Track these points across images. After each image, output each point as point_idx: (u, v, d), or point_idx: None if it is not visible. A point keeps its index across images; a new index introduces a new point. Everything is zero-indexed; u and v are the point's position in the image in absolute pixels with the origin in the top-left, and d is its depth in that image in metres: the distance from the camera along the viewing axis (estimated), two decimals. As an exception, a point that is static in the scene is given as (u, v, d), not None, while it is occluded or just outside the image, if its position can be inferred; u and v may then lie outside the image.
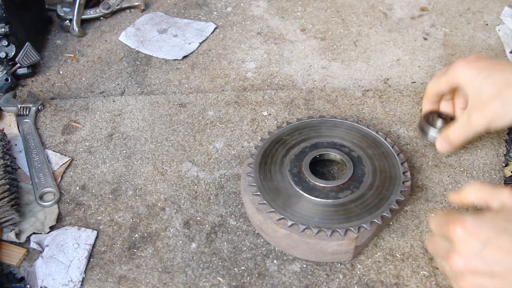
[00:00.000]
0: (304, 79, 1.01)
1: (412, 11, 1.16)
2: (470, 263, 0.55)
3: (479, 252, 0.55)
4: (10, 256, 0.74)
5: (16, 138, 0.91)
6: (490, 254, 0.54)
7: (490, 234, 0.55)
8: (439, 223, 0.61)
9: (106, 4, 1.18)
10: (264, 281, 0.70)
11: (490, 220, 0.56)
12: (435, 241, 0.62)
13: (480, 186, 0.63)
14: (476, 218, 0.56)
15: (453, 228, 0.57)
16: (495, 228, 0.55)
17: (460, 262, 0.56)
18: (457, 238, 0.57)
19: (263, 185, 0.74)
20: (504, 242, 0.54)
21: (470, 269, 0.55)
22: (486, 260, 0.54)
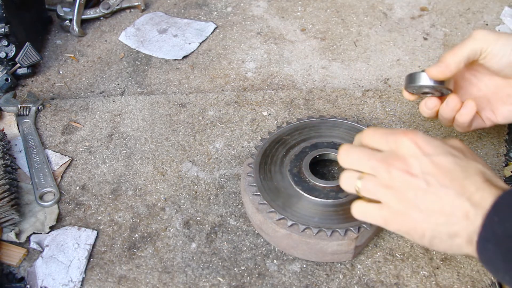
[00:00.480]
0: (304, 79, 1.01)
1: (412, 11, 1.16)
2: (408, 167, 0.55)
3: (419, 159, 0.55)
4: (10, 256, 0.74)
5: (16, 138, 0.91)
6: (429, 166, 0.55)
7: (436, 151, 0.56)
8: (380, 134, 0.60)
9: (106, 4, 1.18)
10: (264, 281, 0.70)
11: (439, 142, 0.57)
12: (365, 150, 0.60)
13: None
14: (426, 136, 0.57)
15: (402, 136, 0.57)
16: (442, 148, 0.56)
17: (400, 164, 0.56)
18: (403, 146, 0.56)
19: (263, 185, 0.74)
20: (446, 162, 0.55)
21: (406, 171, 0.55)
22: (424, 168, 0.55)
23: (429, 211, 0.55)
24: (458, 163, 0.55)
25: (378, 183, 0.58)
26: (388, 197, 0.57)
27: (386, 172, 0.57)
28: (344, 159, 0.61)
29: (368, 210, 0.60)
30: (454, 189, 0.54)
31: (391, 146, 0.58)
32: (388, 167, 0.57)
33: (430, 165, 0.55)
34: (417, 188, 0.55)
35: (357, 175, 0.60)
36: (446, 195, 0.54)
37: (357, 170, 0.60)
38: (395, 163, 0.56)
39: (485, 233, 0.52)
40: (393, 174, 0.56)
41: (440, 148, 0.56)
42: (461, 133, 0.87)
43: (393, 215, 0.57)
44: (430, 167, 0.55)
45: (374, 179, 0.58)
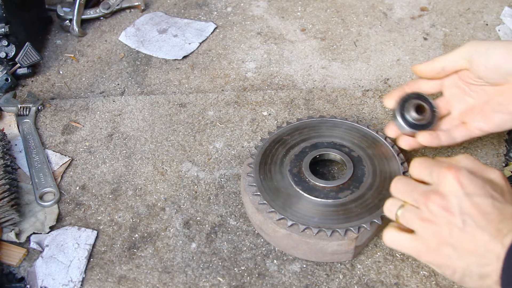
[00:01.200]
0: (304, 79, 1.01)
1: (412, 11, 1.16)
2: (447, 204, 0.56)
3: (459, 198, 0.56)
4: (10, 256, 0.74)
5: (16, 138, 0.91)
6: (468, 206, 0.55)
7: (477, 191, 0.56)
8: (425, 166, 0.61)
9: (106, 4, 1.18)
10: (264, 281, 0.70)
11: (481, 181, 0.57)
12: (411, 182, 0.61)
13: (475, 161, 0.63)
14: (470, 174, 0.57)
15: (446, 172, 0.57)
16: (483, 189, 0.56)
17: (440, 201, 0.57)
18: (446, 182, 0.57)
19: (263, 185, 0.74)
20: (485, 205, 0.55)
21: (444, 208, 0.56)
22: (463, 208, 0.55)
23: (462, 250, 0.56)
24: (496, 206, 0.56)
25: (416, 215, 0.59)
26: (423, 230, 0.58)
27: (425, 206, 0.58)
28: (393, 188, 0.63)
29: (401, 239, 0.60)
30: (489, 232, 0.54)
31: (435, 179, 0.59)
32: (427, 201, 0.58)
33: (469, 205, 0.55)
34: (453, 226, 0.56)
35: (399, 203, 0.61)
36: (481, 236, 0.55)
37: (401, 199, 0.62)
38: (435, 199, 0.57)
39: (505, 276, 0.53)
40: (431, 208, 0.57)
41: (482, 189, 0.56)
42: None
43: (426, 248, 0.58)
44: (469, 207, 0.55)
45: (413, 210, 0.59)
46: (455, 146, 0.85)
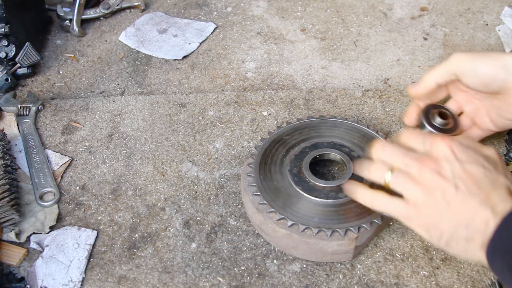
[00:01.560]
0: (304, 79, 1.01)
1: (412, 11, 1.16)
2: (440, 169, 0.57)
3: (451, 163, 0.57)
4: (10, 256, 0.74)
5: (16, 138, 0.91)
6: (460, 172, 0.57)
7: (469, 159, 0.58)
8: (417, 135, 0.63)
9: (106, 4, 1.18)
10: (264, 281, 0.70)
11: (474, 152, 0.59)
12: (400, 147, 0.62)
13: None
14: (462, 144, 0.59)
15: (439, 140, 0.59)
16: (475, 158, 0.58)
17: (433, 165, 0.58)
18: (438, 148, 0.59)
19: (263, 185, 0.74)
20: (476, 172, 0.57)
21: (438, 173, 0.57)
22: (455, 173, 0.57)
23: (452, 213, 0.56)
24: (488, 175, 0.57)
25: (409, 178, 0.59)
26: (416, 194, 0.59)
27: (418, 170, 0.59)
28: (379, 151, 0.63)
29: (392, 202, 0.61)
30: (479, 197, 0.56)
31: (427, 147, 0.61)
32: (420, 165, 0.59)
33: (461, 171, 0.57)
34: (445, 189, 0.57)
35: (387, 167, 0.62)
36: (472, 201, 0.56)
37: (389, 163, 0.62)
38: (428, 163, 0.58)
39: (493, 243, 0.53)
40: (424, 172, 0.58)
41: (473, 157, 0.58)
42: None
43: (417, 212, 0.59)
44: (461, 173, 0.57)
45: (405, 173, 0.60)
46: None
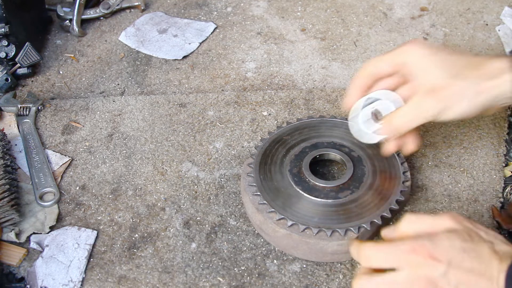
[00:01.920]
0: (304, 79, 1.01)
1: (412, 11, 1.16)
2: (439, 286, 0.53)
3: (445, 275, 0.53)
4: (10, 256, 0.74)
5: (16, 138, 0.91)
6: (454, 275, 0.53)
7: (451, 255, 0.53)
8: (380, 255, 0.56)
9: (106, 4, 1.18)
10: (264, 281, 0.70)
11: (447, 240, 0.54)
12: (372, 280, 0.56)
13: (417, 217, 0.58)
14: (432, 240, 0.54)
15: (413, 256, 0.54)
16: (454, 248, 0.54)
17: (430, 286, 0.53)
18: (421, 265, 0.53)
19: (263, 185, 0.74)
20: (465, 262, 0.53)
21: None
22: (451, 282, 0.53)
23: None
24: (472, 256, 0.53)
25: None
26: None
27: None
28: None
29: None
30: (483, 281, 0.53)
31: (406, 265, 0.54)
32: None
33: (456, 275, 0.53)
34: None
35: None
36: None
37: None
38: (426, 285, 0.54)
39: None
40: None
41: (454, 250, 0.53)
42: (461, 132, 0.87)
43: None
44: (457, 277, 0.53)
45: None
46: (454, 146, 0.85)
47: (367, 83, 0.68)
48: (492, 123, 0.89)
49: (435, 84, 0.62)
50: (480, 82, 0.61)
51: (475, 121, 0.89)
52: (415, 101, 0.64)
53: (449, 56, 0.64)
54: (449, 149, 0.85)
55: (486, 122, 0.89)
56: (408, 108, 0.65)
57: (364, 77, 0.68)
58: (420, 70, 0.64)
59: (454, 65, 0.63)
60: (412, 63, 0.64)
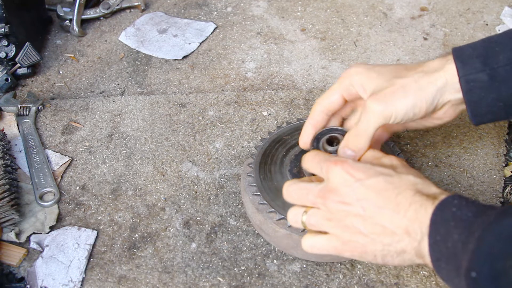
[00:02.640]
0: (304, 79, 1.01)
1: (412, 11, 1.16)
2: (342, 197, 0.57)
3: (351, 187, 0.56)
4: (10, 256, 0.74)
5: (16, 138, 0.91)
6: (361, 192, 0.56)
7: (366, 174, 0.57)
8: (316, 161, 0.62)
9: (106, 4, 1.18)
10: (264, 281, 0.70)
11: (369, 165, 0.58)
12: (303, 185, 0.61)
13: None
14: (354, 162, 0.59)
15: (333, 166, 0.58)
16: (371, 171, 0.57)
17: (335, 196, 0.57)
18: (334, 176, 0.58)
19: (263, 185, 0.74)
20: (377, 184, 0.56)
21: (342, 202, 0.57)
22: (357, 195, 0.56)
23: (372, 234, 0.56)
24: (389, 181, 0.56)
25: (321, 216, 0.59)
26: (333, 228, 0.59)
27: (324, 205, 0.59)
28: (287, 195, 0.63)
29: (318, 242, 0.61)
30: (389, 209, 0.55)
31: (324, 174, 0.60)
32: (325, 201, 0.58)
33: (363, 190, 0.56)
34: (355, 215, 0.56)
35: (302, 210, 0.61)
36: (384, 216, 0.55)
37: (300, 205, 0.62)
38: (330, 196, 0.58)
39: (434, 253, 0.53)
40: (330, 206, 0.58)
41: (370, 171, 0.57)
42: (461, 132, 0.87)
43: (342, 243, 0.59)
44: (363, 192, 0.56)
45: (316, 212, 0.60)
46: (454, 146, 0.85)
47: (320, 120, 0.69)
48: (492, 123, 0.89)
49: (377, 88, 0.64)
50: (422, 76, 0.62)
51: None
52: (363, 109, 0.64)
53: (389, 66, 0.66)
54: (449, 149, 0.85)
55: (486, 122, 0.89)
56: (361, 117, 0.65)
57: (316, 115, 0.69)
58: (364, 85, 0.65)
59: (393, 71, 0.64)
60: (355, 83, 0.66)
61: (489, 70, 0.60)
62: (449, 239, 0.51)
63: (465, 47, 0.62)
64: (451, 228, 0.51)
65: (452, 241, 0.51)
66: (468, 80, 0.60)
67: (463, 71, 0.60)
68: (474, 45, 0.62)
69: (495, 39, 0.62)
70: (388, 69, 0.65)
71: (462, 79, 0.60)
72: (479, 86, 0.60)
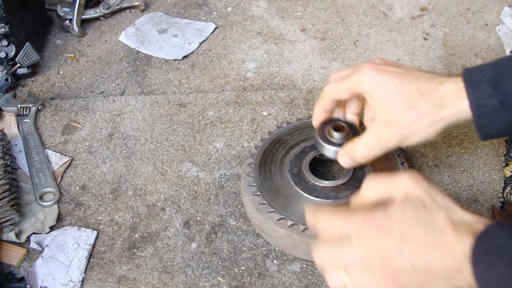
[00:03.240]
0: (304, 79, 1.01)
1: (412, 11, 1.16)
2: (393, 264, 0.51)
3: (399, 250, 0.50)
4: (10, 256, 0.74)
5: (16, 138, 0.91)
6: (408, 248, 0.50)
7: (403, 227, 0.51)
8: (331, 223, 0.55)
9: (106, 4, 1.18)
10: (264, 281, 0.70)
11: (400, 212, 0.52)
12: (328, 249, 0.54)
13: (376, 180, 0.56)
14: (384, 213, 0.52)
15: (364, 226, 0.52)
16: (406, 219, 0.52)
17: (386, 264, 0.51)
18: (372, 237, 0.51)
19: (263, 185, 0.74)
20: (417, 232, 0.51)
21: (396, 271, 0.51)
22: (407, 257, 0.50)
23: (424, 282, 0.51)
24: (425, 225, 0.51)
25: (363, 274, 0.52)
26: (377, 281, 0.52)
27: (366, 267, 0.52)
28: (316, 258, 0.55)
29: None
30: (437, 252, 0.50)
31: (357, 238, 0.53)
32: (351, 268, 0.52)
33: (410, 248, 0.50)
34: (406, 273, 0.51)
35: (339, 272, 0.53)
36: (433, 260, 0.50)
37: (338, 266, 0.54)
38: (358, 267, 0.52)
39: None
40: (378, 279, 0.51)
41: (407, 221, 0.51)
42: (461, 132, 0.87)
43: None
44: (411, 250, 0.50)
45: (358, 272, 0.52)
46: (454, 146, 0.85)
47: (329, 106, 0.71)
48: (492, 123, 0.88)
49: (391, 115, 0.63)
50: (434, 111, 0.62)
51: (475, 121, 0.89)
52: (374, 132, 0.65)
53: (402, 85, 0.63)
54: (449, 149, 0.85)
55: (486, 122, 0.89)
56: (368, 139, 0.66)
57: (326, 101, 0.70)
58: (376, 98, 0.64)
59: (407, 94, 0.63)
60: (368, 90, 0.65)
61: (499, 96, 0.60)
62: (493, 272, 0.48)
63: (475, 71, 0.62)
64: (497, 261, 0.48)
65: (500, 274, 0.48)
66: (479, 105, 0.60)
67: (474, 97, 0.60)
68: (484, 69, 0.62)
69: (505, 63, 0.62)
70: (401, 90, 0.63)
71: (473, 104, 0.60)
72: (490, 110, 0.60)
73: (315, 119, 0.73)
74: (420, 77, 0.64)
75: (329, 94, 0.69)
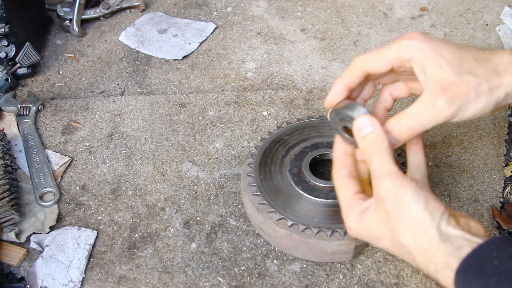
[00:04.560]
0: (304, 79, 1.01)
1: (412, 11, 1.16)
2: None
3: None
4: (10, 256, 0.74)
5: (16, 138, 0.91)
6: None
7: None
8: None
9: (106, 4, 1.18)
10: (264, 281, 0.70)
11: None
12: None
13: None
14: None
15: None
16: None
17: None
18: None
19: (263, 185, 0.74)
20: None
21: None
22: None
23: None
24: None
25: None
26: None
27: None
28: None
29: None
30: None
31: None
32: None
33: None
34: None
35: None
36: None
37: None
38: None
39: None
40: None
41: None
42: (461, 132, 0.87)
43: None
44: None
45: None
46: (454, 146, 0.85)
47: (356, 82, 0.59)
48: (492, 123, 0.89)
49: (446, 81, 0.55)
50: (493, 78, 0.56)
51: (475, 121, 0.89)
52: (427, 101, 0.56)
53: (457, 51, 0.57)
54: (449, 149, 0.85)
55: (486, 122, 0.89)
56: (420, 107, 0.56)
57: (354, 74, 0.59)
58: (427, 67, 0.56)
59: (463, 60, 0.56)
60: (416, 59, 0.56)
61: None
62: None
63: None
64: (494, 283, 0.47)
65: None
66: None
67: None
68: None
69: None
70: (456, 57, 0.56)
71: None
72: None
73: (332, 98, 0.60)
74: (470, 47, 0.59)
75: (362, 65, 0.58)
